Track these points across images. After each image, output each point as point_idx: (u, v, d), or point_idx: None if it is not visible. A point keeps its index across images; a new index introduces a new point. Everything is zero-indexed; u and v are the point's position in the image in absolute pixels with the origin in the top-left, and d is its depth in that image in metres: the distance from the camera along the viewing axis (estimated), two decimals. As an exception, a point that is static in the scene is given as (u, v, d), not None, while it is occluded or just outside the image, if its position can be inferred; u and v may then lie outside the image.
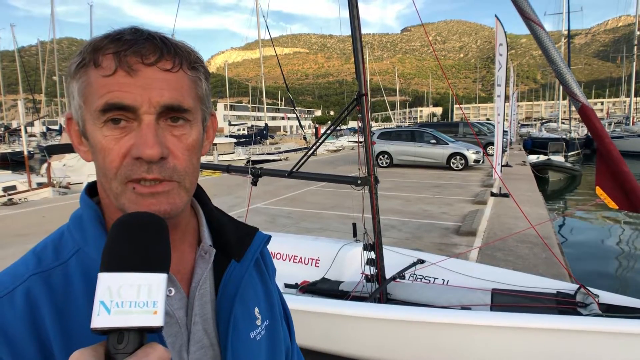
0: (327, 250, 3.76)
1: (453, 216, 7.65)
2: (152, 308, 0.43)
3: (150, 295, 0.43)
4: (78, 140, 0.61)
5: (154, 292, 0.43)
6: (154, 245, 0.46)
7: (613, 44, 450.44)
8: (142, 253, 0.45)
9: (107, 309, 0.42)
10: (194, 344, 0.61)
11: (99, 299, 0.42)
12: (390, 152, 15.94)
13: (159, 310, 0.43)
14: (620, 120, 36.94)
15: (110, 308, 0.42)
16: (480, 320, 2.46)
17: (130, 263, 0.44)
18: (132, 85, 0.53)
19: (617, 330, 2.22)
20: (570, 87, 2.15)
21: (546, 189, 13.85)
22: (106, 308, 0.42)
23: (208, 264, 0.66)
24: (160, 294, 0.44)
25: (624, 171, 2.10)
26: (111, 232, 0.46)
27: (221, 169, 4.02)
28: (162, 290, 0.44)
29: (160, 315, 0.43)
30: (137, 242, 0.45)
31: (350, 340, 2.72)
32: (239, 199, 9.03)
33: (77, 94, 0.56)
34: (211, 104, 0.65)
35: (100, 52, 0.54)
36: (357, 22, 2.98)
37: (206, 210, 0.72)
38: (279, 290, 0.84)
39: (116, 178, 0.54)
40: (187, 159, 0.57)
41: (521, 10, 2.22)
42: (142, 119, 0.53)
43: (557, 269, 4.70)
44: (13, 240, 6.20)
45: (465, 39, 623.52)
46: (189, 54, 0.58)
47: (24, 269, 0.56)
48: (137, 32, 0.55)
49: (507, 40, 9.93)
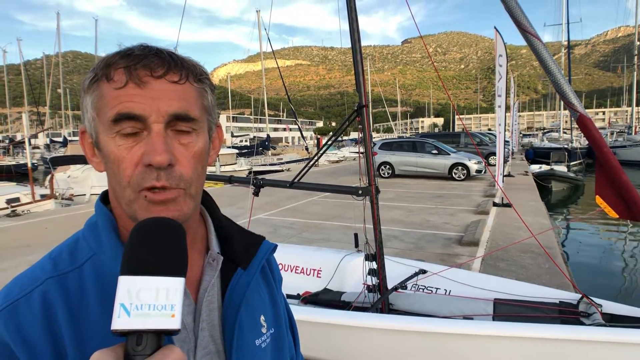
0: (329, 260, 3.76)
1: (455, 226, 7.63)
2: (170, 311, 0.44)
3: (168, 299, 0.44)
4: (91, 152, 0.63)
5: (172, 295, 0.44)
6: (172, 249, 0.48)
7: (613, 54, 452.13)
8: (161, 257, 0.46)
9: (127, 311, 0.43)
10: (201, 350, 0.62)
11: (120, 302, 0.43)
12: (392, 163, 15.94)
13: (177, 313, 0.44)
14: (622, 130, 36.92)
15: (130, 310, 0.43)
16: (483, 330, 2.45)
17: (149, 267, 0.45)
18: (142, 96, 0.55)
19: (620, 340, 2.21)
20: (567, 97, 2.18)
21: (549, 198, 13.81)
22: (126, 310, 0.43)
23: (215, 271, 0.67)
24: (178, 297, 0.45)
25: (623, 180, 2.11)
26: (131, 235, 0.48)
27: (223, 180, 4.05)
28: (179, 294, 0.45)
29: (178, 319, 0.44)
30: (156, 246, 0.47)
31: (352, 350, 2.71)
32: (241, 209, 9.03)
33: (90, 107, 0.59)
34: (217, 116, 0.67)
35: (112, 67, 0.57)
36: (357, 35, 3.03)
37: (214, 218, 0.74)
38: (285, 299, 0.85)
39: (129, 186, 0.57)
40: (193, 167, 0.59)
41: (518, 22, 2.26)
42: (151, 128, 0.56)
43: (559, 279, 4.68)
44: (16, 252, 6.22)
45: (466, 50, 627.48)
46: (194, 67, 0.61)
47: (41, 272, 0.58)
48: (146, 48, 0.58)
49: (507, 51, 10.01)
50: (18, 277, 0.59)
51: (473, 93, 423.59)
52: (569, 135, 29.98)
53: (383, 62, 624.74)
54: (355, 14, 3.04)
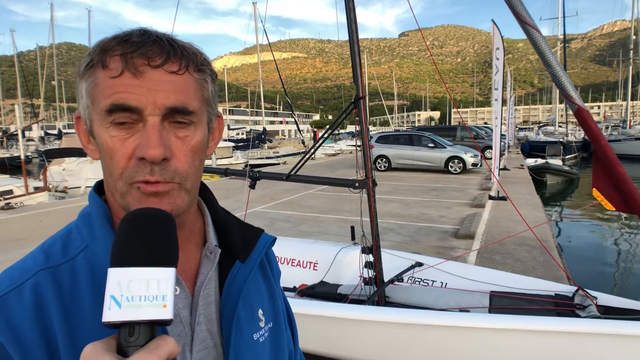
0: (325, 253, 3.76)
1: (451, 219, 7.65)
2: (161, 302, 0.43)
3: (159, 289, 0.43)
4: (86, 139, 0.61)
5: (163, 286, 0.44)
6: (162, 240, 0.47)
7: (609, 48, 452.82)
8: (151, 248, 0.45)
9: (118, 303, 0.42)
10: (198, 344, 0.62)
11: (110, 294, 0.43)
12: (388, 156, 15.96)
13: (169, 303, 0.43)
14: (617, 124, 37.07)
15: (120, 302, 0.42)
16: (479, 323, 2.45)
17: (139, 258, 0.44)
18: (138, 87, 0.53)
19: (615, 332, 2.22)
20: (566, 89, 2.17)
21: (544, 192, 13.87)
22: (117, 302, 0.42)
23: (213, 264, 0.66)
24: (170, 287, 0.44)
25: (620, 172, 2.11)
26: (120, 227, 0.47)
27: (219, 173, 4.02)
28: (171, 284, 0.44)
29: (170, 309, 0.43)
30: (146, 237, 0.46)
31: (349, 343, 2.72)
32: (237, 202, 9.01)
33: (85, 93, 0.57)
34: (217, 105, 0.65)
35: (108, 53, 0.55)
36: (354, 26, 3.00)
37: (212, 211, 0.73)
38: (283, 293, 0.84)
39: (122, 178, 0.55)
40: (190, 161, 0.58)
41: (517, 13, 2.24)
42: (147, 120, 0.54)
43: (555, 272, 4.71)
44: (10, 245, 6.18)
45: (463, 44, 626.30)
46: (195, 56, 0.58)
47: (33, 264, 0.57)
48: (145, 33, 0.56)
49: (504, 44, 9.98)
50: (9, 269, 0.58)
51: (469, 87, 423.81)
52: (565, 129, 30.07)
53: (380, 55, 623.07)
54: (352, 4, 3.01)
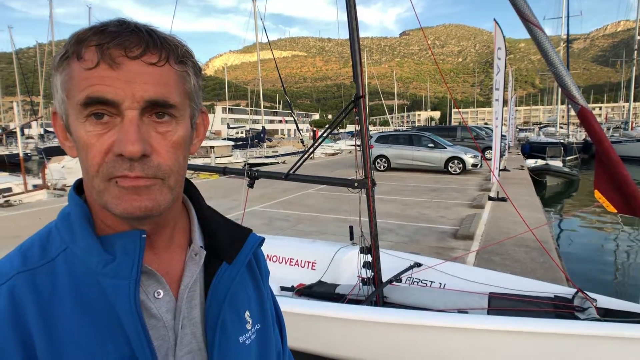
0: (323, 253, 3.74)
1: (450, 220, 7.63)
2: None
3: None
4: (63, 136, 0.59)
5: None
6: None
7: (612, 49, 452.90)
8: None
9: None
10: (182, 348, 0.60)
11: None
12: (388, 156, 15.92)
13: None
14: (618, 125, 37.08)
15: None
16: (477, 324, 2.43)
17: None
18: (115, 79, 0.50)
19: (615, 334, 2.20)
20: (569, 89, 2.14)
21: (544, 193, 13.85)
22: None
23: (198, 266, 0.64)
24: None
25: (623, 174, 2.08)
26: None
27: (217, 171, 4.00)
28: None
29: None
30: None
31: (346, 343, 2.70)
32: (235, 201, 8.99)
33: (60, 87, 0.54)
34: (201, 101, 0.62)
35: (84, 44, 0.52)
36: (354, 23, 2.97)
37: (199, 210, 0.70)
38: (272, 293, 0.83)
39: (98, 175, 0.52)
40: (173, 157, 0.55)
41: (520, 12, 2.21)
42: (125, 115, 0.51)
43: (554, 273, 4.69)
44: (8, 242, 6.16)
45: (464, 43, 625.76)
46: (176, 48, 0.56)
47: (9, 267, 0.55)
48: (123, 24, 0.53)
49: (506, 44, 9.95)
50: None
51: (470, 87, 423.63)
52: (565, 130, 30.06)
53: (381, 54, 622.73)
54: (353, 2, 2.98)
